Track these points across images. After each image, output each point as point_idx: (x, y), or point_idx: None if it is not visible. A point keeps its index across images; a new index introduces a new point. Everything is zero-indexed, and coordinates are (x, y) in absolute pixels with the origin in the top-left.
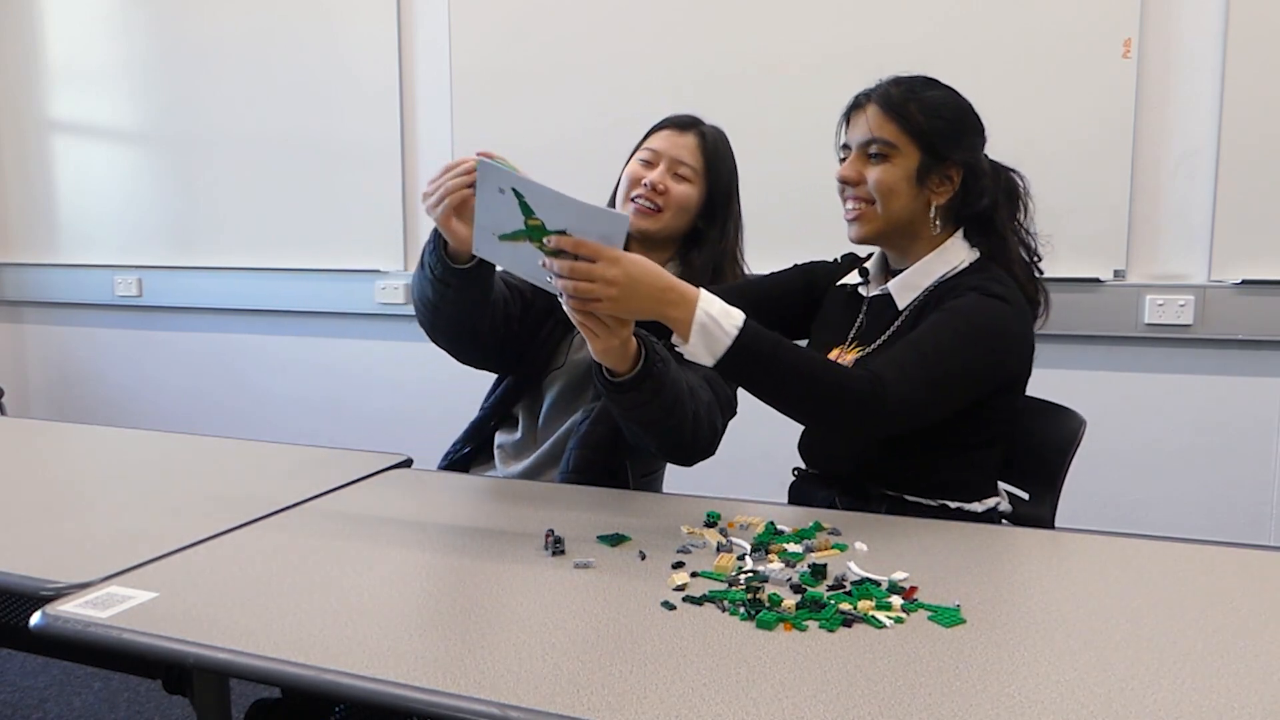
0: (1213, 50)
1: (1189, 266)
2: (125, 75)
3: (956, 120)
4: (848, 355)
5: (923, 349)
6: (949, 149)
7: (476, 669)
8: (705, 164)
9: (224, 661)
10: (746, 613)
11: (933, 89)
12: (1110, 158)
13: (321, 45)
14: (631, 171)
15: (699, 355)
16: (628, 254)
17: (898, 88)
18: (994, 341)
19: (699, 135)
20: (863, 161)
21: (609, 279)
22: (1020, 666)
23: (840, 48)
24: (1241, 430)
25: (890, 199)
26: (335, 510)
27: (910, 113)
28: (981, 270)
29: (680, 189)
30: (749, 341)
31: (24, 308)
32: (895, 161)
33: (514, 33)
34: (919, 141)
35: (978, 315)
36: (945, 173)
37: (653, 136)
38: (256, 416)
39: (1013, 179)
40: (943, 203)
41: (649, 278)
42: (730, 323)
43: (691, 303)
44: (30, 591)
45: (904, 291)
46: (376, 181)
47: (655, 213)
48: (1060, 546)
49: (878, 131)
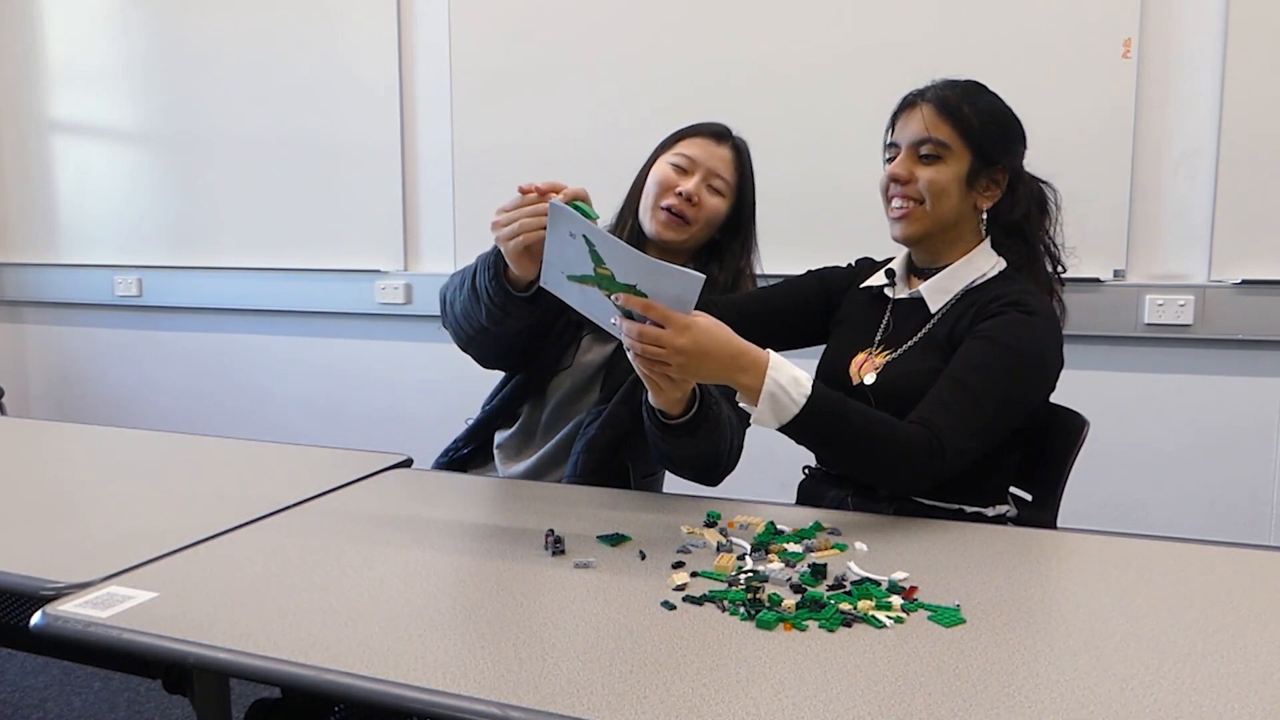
0: (1213, 50)
1: (1189, 266)
2: (125, 75)
3: (1006, 126)
4: (877, 358)
5: (973, 389)
6: (998, 154)
7: (476, 669)
8: (738, 179)
9: (224, 661)
10: (746, 613)
11: (984, 94)
12: (1110, 157)
13: (321, 45)
14: (664, 176)
15: (765, 420)
16: (699, 321)
17: (952, 90)
18: (1037, 370)
19: (734, 149)
20: (914, 161)
21: (678, 347)
22: (1020, 666)
23: (841, 48)
24: (1242, 430)
25: (940, 199)
26: (335, 510)
27: (964, 115)
28: (1012, 280)
29: (713, 202)
30: (815, 408)
31: (24, 307)
32: (947, 162)
33: (514, 33)
34: (971, 144)
35: (1020, 341)
36: (993, 177)
37: (686, 142)
38: (256, 416)
39: (1044, 190)
40: (988, 206)
41: (719, 346)
42: (799, 391)
43: (761, 370)
44: (30, 591)
45: (936, 295)
46: (376, 182)
47: (684, 224)
48: (1060, 546)
49: (933, 131)
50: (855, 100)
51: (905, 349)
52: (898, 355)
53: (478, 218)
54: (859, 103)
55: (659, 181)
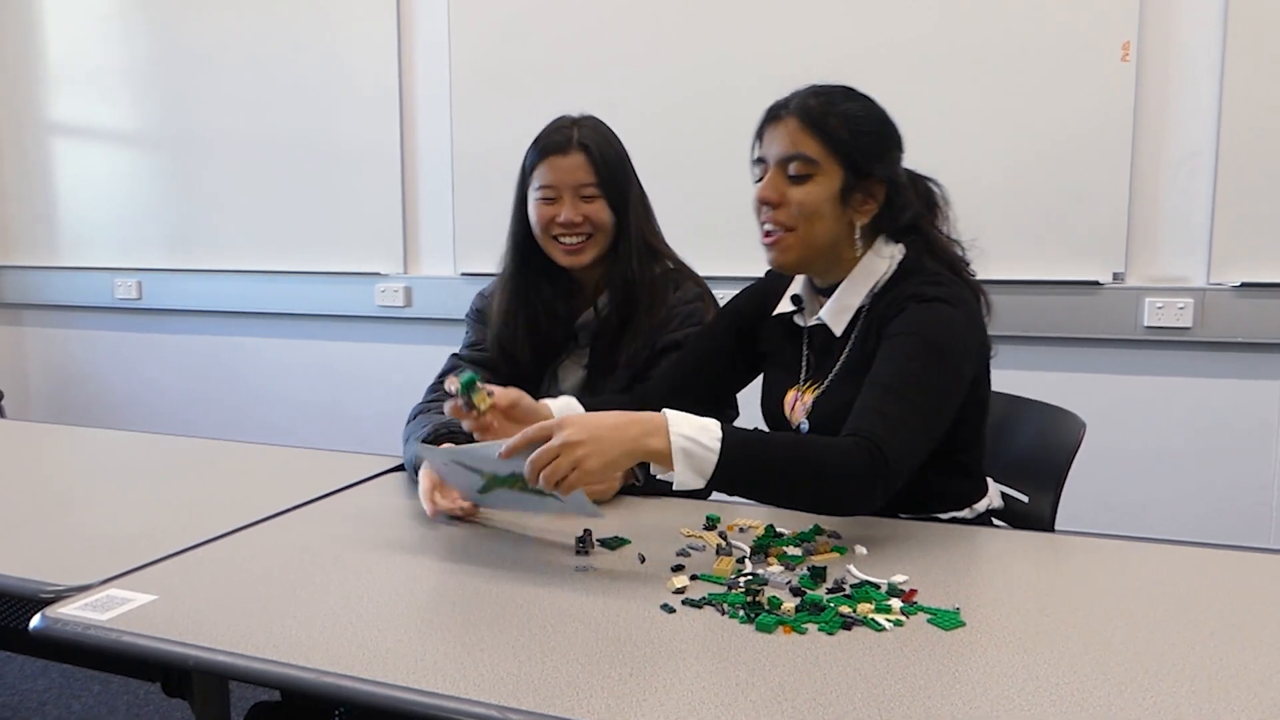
0: (1212, 53)
1: (1188, 269)
2: (125, 78)
3: (878, 134)
4: (805, 396)
5: (897, 389)
6: (872, 165)
7: (476, 671)
8: (599, 174)
9: (224, 664)
10: (746, 615)
11: (852, 100)
12: (1109, 160)
13: (321, 47)
14: (540, 215)
15: (688, 479)
16: (572, 415)
17: (816, 99)
18: (956, 354)
19: (581, 149)
20: (782, 180)
21: (565, 440)
22: (1020, 669)
23: (841, 50)
24: (1241, 433)
25: (813, 222)
26: (335, 513)
27: (832, 127)
28: (911, 272)
29: (593, 208)
30: (735, 449)
31: (24, 310)
32: (818, 180)
33: (514, 35)
34: (842, 159)
35: (930, 330)
36: (869, 190)
37: (539, 170)
38: (256, 419)
39: (930, 188)
40: (866, 222)
41: (604, 422)
42: (710, 437)
43: (663, 429)
44: (30, 594)
45: (838, 317)
46: (376, 184)
47: (588, 241)
48: (1060, 549)
49: (799, 147)
50: None
51: (829, 382)
52: (823, 390)
53: (477, 220)
54: None
55: (538, 221)
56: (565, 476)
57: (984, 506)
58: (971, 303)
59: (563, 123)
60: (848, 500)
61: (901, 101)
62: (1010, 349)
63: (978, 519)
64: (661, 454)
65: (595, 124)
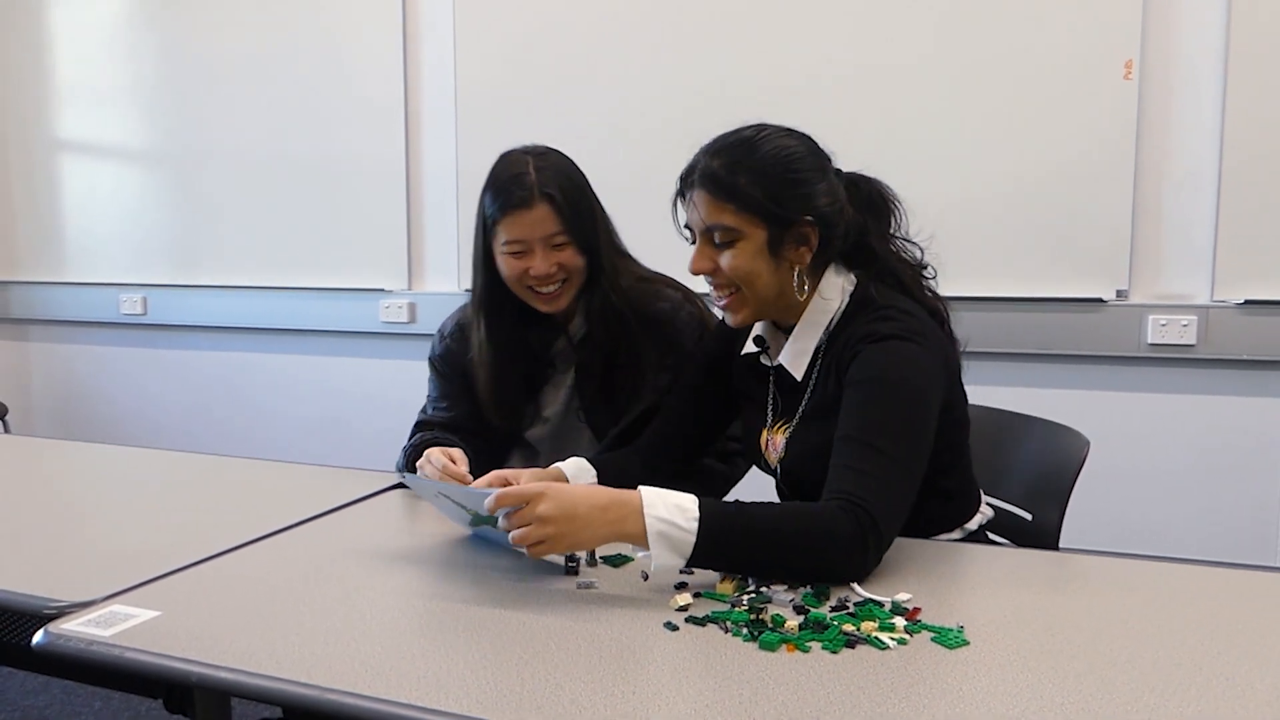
0: (1214, 71)
1: (1192, 286)
2: (132, 95)
3: (792, 179)
4: (776, 436)
5: (872, 444)
6: (794, 211)
7: (479, 688)
8: (567, 223)
9: (226, 681)
10: (749, 634)
11: (758, 149)
12: (1112, 178)
13: (327, 64)
14: (512, 270)
15: (668, 560)
16: (555, 485)
17: (719, 160)
18: (920, 390)
19: (545, 199)
20: (710, 249)
21: (540, 515)
22: (1024, 689)
23: (843, 68)
24: (1246, 451)
25: (752, 281)
26: (338, 529)
27: (741, 189)
28: (863, 306)
29: (565, 255)
30: (713, 527)
31: (30, 325)
32: (743, 244)
33: (519, 51)
34: (760, 217)
35: (890, 372)
36: (798, 235)
37: (503, 226)
38: (260, 435)
39: (875, 190)
40: (806, 264)
41: (583, 500)
42: (687, 518)
43: (638, 512)
44: (33, 610)
45: (797, 360)
46: (381, 200)
47: (564, 286)
48: (1064, 567)
49: (714, 218)
50: (858, 118)
51: (796, 423)
52: (793, 431)
53: None
54: (862, 120)
55: (510, 276)
56: (536, 544)
57: (975, 525)
58: (927, 328)
59: (517, 168)
60: (840, 568)
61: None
62: (1014, 366)
63: (968, 537)
64: (638, 537)
65: (552, 162)
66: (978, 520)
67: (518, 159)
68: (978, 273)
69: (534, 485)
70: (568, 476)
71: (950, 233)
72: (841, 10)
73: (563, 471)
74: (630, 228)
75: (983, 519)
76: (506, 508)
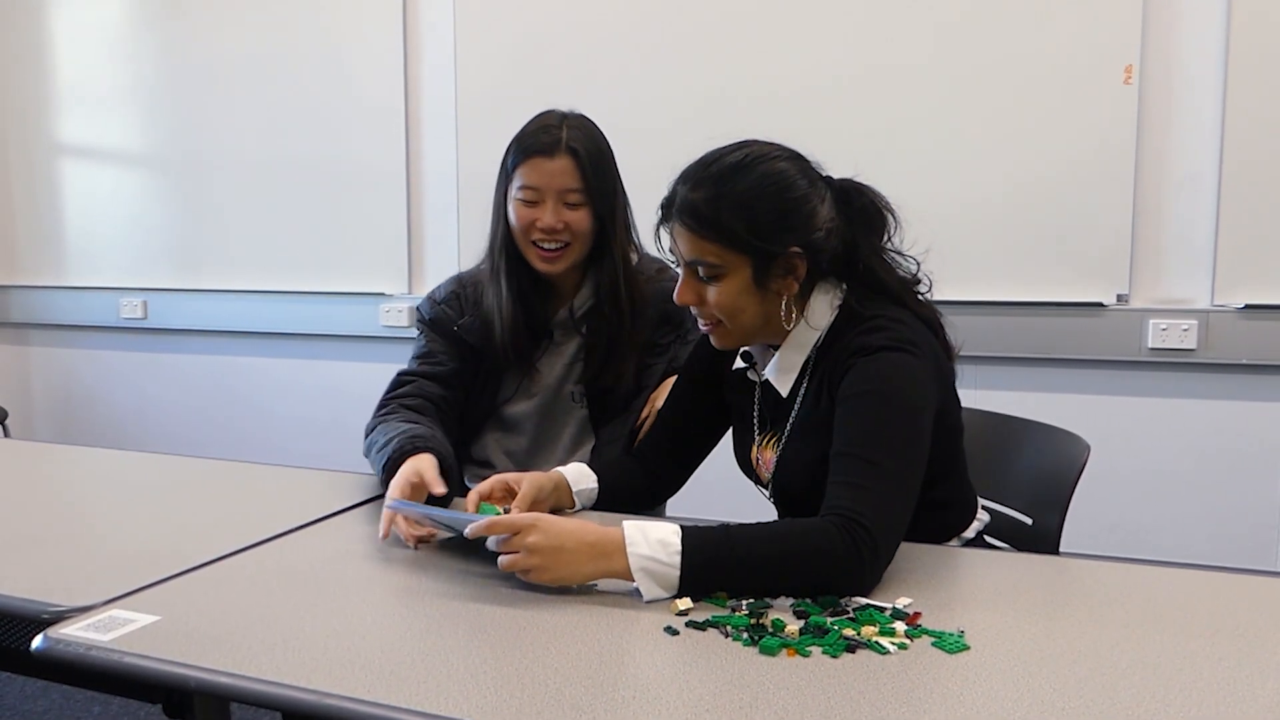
0: (1214, 75)
1: (1192, 291)
2: (133, 98)
3: (777, 208)
4: (765, 452)
5: (867, 458)
6: (779, 244)
7: (478, 693)
8: (586, 181)
9: (225, 685)
10: (750, 638)
11: (740, 178)
12: (1112, 182)
13: (327, 68)
14: (520, 216)
15: (656, 594)
16: (546, 517)
17: (700, 192)
18: (914, 401)
19: (569, 153)
20: (695, 281)
21: (530, 547)
22: (1025, 694)
23: (844, 70)
24: (1246, 455)
25: (737, 315)
26: (339, 533)
27: (724, 223)
28: (851, 319)
29: (576, 216)
30: (696, 561)
31: (29, 330)
32: (728, 279)
33: (519, 56)
34: (744, 251)
35: (882, 385)
36: (786, 265)
37: (523, 169)
38: (261, 439)
39: (868, 201)
40: (794, 293)
41: (571, 535)
42: (669, 552)
43: (621, 549)
44: (32, 614)
45: (784, 376)
46: (382, 204)
47: (565, 249)
48: (1065, 572)
49: (697, 253)
50: (858, 121)
51: (785, 442)
52: (783, 447)
53: (483, 241)
54: (862, 124)
55: (518, 223)
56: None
57: (972, 533)
58: (919, 337)
59: (550, 120)
60: (836, 585)
61: (905, 123)
62: (1014, 370)
63: (965, 546)
64: (623, 574)
65: (584, 123)
66: (975, 528)
67: (552, 115)
68: (978, 276)
69: (525, 516)
70: (569, 481)
71: (951, 236)
72: (843, 14)
73: (564, 476)
74: None
75: (980, 525)
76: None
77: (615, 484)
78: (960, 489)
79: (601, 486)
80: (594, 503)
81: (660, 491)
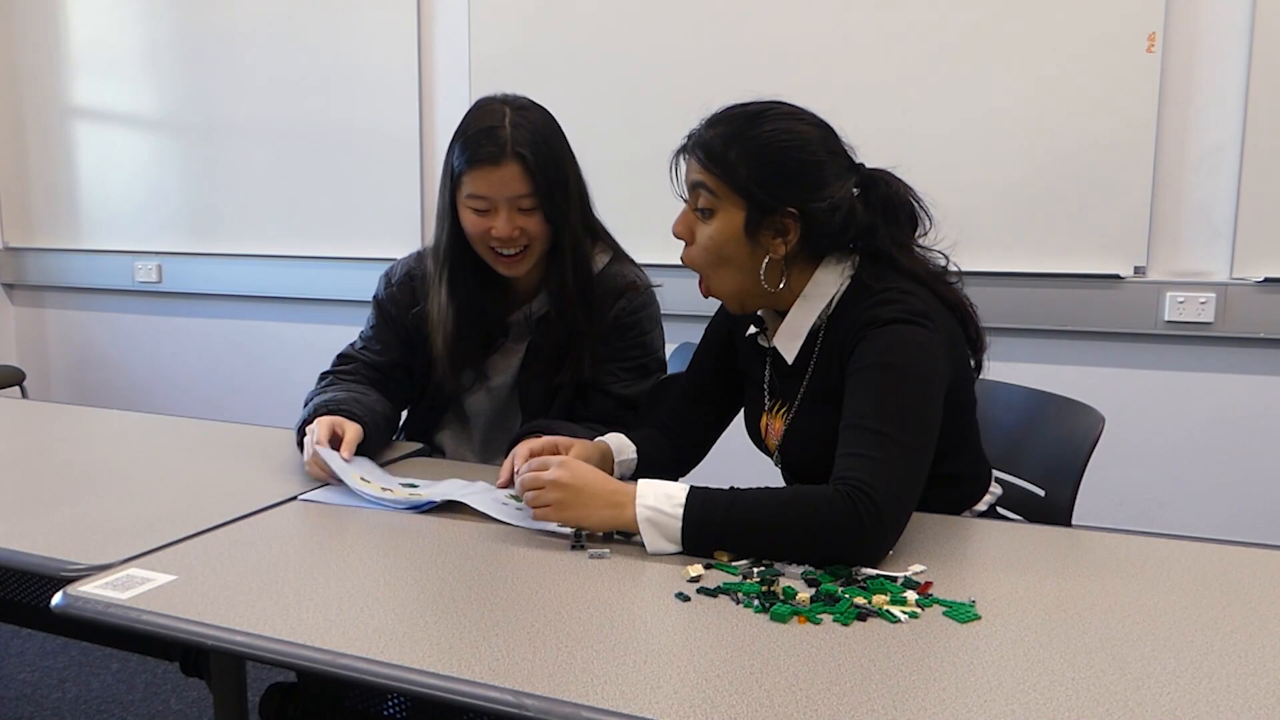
0: (1238, 44)
1: (1211, 264)
2: (147, 62)
3: (784, 164)
4: (775, 422)
5: (877, 429)
6: (776, 199)
7: (491, 656)
8: (535, 186)
9: (241, 645)
10: (761, 605)
11: (758, 127)
12: (1132, 153)
13: (341, 33)
14: (473, 226)
15: (659, 544)
16: (576, 460)
17: (717, 129)
18: (926, 373)
19: (516, 158)
20: (691, 217)
21: (554, 480)
22: (1035, 664)
23: (863, 37)
24: (1262, 429)
25: (721, 266)
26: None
27: (730, 162)
28: (861, 292)
29: (530, 221)
30: (698, 512)
31: (46, 292)
32: (720, 219)
33: (534, 21)
34: (740, 195)
35: (894, 356)
36: (778, 224)
37: (469, 178)
38: (274, 402)
39: (893, 192)
40: (780, 256)
41: (594, 485)
42: (673, 504)
43: (632, 500)
44: (51, 572)
45: (789, 343)
46: (395, 170)
47: (525, 252)
48: (1077, 544)
49: (696, 179)
50: (876, 86)
51: (795, 412)
52: (792, 417)
53: None
54: (880, 89)
55: (472, 231)
56: (543, 505)
57: (984, 506)
58: (930, 307)
59: (492, 120)
60: (838, 554)
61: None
62: (1030, 342)
63: (982, 515)
64: (631, 524)
65: (528, 116)
66: (987, 501)
67: (495, 109)
68: (996, 248)
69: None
70: (612, 450)
71: (969, 207)
72: None
73: (609, 446)
74: (644, 199)
75: (992, 499)
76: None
77: (649, 456)
78: (973, 463)
79: (640, 456)
80: (633, 473)
81: (685, 459)
